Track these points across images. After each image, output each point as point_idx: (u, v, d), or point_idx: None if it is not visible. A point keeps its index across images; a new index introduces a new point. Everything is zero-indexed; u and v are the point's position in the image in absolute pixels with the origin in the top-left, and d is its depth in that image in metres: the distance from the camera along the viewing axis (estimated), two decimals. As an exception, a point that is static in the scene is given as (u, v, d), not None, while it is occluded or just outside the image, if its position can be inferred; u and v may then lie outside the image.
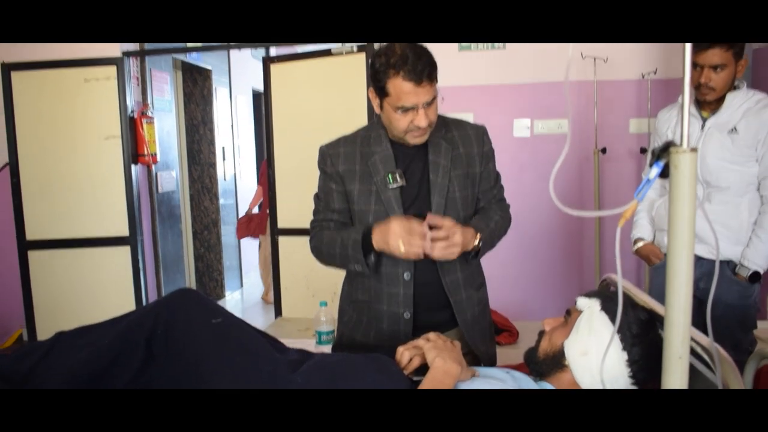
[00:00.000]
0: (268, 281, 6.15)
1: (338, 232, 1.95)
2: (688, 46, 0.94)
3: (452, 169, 1.95)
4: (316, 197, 2.08)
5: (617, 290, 1.14)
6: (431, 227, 1.77)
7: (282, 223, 4.43)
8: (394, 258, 1.86)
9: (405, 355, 1.68)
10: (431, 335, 1.67)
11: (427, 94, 1.80)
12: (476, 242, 1.89)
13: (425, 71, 1.77)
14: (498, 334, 2.97)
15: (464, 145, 1.99)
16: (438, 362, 1.53)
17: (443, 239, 1.76)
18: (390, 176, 1.91)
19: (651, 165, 0.93)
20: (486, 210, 2.05)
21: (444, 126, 2.00)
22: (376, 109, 1.91)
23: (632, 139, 4.03)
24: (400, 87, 1.77)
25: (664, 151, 0.92)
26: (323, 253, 2.00)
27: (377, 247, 1.83)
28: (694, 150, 0.89)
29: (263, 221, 5.99)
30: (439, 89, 1.87)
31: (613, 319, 1.42)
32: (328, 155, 2.00)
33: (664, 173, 0.93)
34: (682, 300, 0.92)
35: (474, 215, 2.03)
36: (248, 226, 6.08)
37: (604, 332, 1.42)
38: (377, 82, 1.83)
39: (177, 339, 1.65)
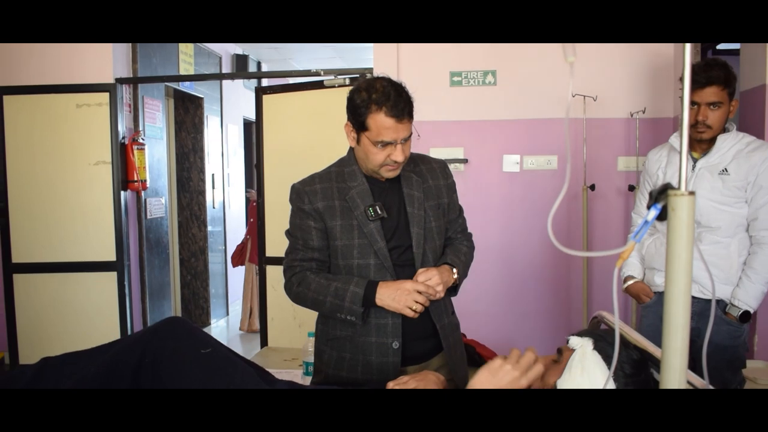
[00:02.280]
0: (245, 309, 6.15)
1: (327, 279, 1.97)
2: (686, 91, 0.95)
3: (425, 201, 2.03)
4: (290, 235, 2.08)
5: (609, 329, 1.14)
6: None
7: (270, 251, 4.41)
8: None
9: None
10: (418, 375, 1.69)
11: (406, 131, 1.87)
12: (455, 277, 2.00)
13: (406, 108, 1.84)
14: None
15: (432, 178, 2.09)
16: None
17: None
18: (371, 209, 1.96)
19: (649, 207, 0.94)
20: (453, 242, 2.15)
21: (411, 161, 2.08)
22: (351, 143, 1.97)
23: (620, 177, 4.07)
24: (382, 122, 1.83)
25: (662, 193, 0.93)
26: (308, 299, 2.00)
27: (380, 304, 1.88)
28: (692, 193, 0.90)
29: (254, 248, 6.00)
30: (429, 123, 1.93)
31: (605, 358, 1.42)
32: (305, 192, 2.02)
33: (662, 215, 0.94)
34: (679, 342, 0.93)
35: (444, 245, 2.12)
36: (242, 254, 6.08)
37: (597, 372, 1.42)
38: (357, 117, 1.88)
39: (164, 370, 1.63)
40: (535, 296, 4.18)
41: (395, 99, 1.82)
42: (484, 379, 1.48)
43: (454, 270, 1.99)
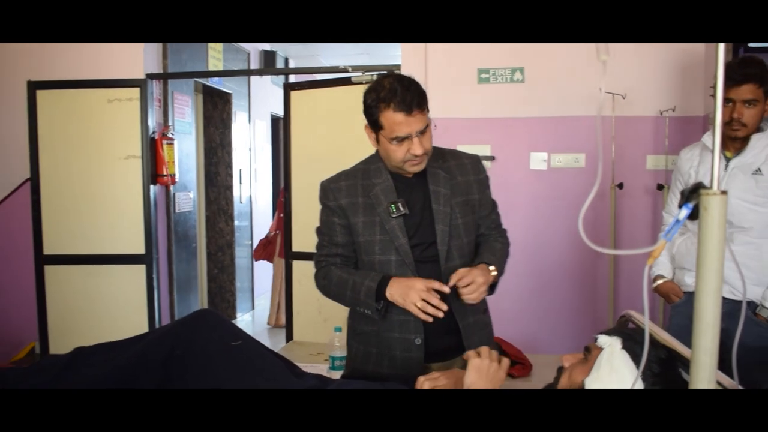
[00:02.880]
0: (274, 304, 6.18)
1: (349, 273, 2.01)
2: (720, 89, 0.95)
3: (452, 197, 2.01)
4: (319, 231, 2.13)
5: (637, 327, 1.14)
6: (455, 287, 1.87)
7: (296, 246, 4.44)
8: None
9: (425, 385, 1.69)
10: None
11: (419, 123, 1.86)
12: (493, 274, 1.96)
13: (414, 101, 1.84)
14: (511, 367, 2.95)
15: (461, 174, 2.07)
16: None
17: (469, 285, 1.85)
18: (393, 206, 1.97)
19: (680, 206, 0.94)
20: (487, 239, 2.13)
21: (440, 156, 2.07)
22: (373, 144, 2.00)
23: (649, 175, 4.03)
24: (393, 118, 1.84)
25: (694, 192, 0.93)
26: (331, 292, 2.06)
27: (391, 299, 1.89)
28: (724, 193, 0.90)
29: (280, 246, 6.03)
30: (457, 120, 1.92)
31: (634, 357, 1.42)
32: (330, 189, 2.06)
33: (693, 215, 0.94)
34: (709, 342, 0.92)
35: (475, 242, 2.11)
36: (266, 248, 6.12)
37: (626, 371, 1.42)
38: (370, 117, 1.91)
39: (194, 362, 1.66)
40: (561, 294, 4.16)
41: (402, 93, 1.82)
42: (477, 381, 1.60)
43: (491, 268, 1.96)
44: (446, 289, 1.85)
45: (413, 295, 1.83)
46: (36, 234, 4.45)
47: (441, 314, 1.84)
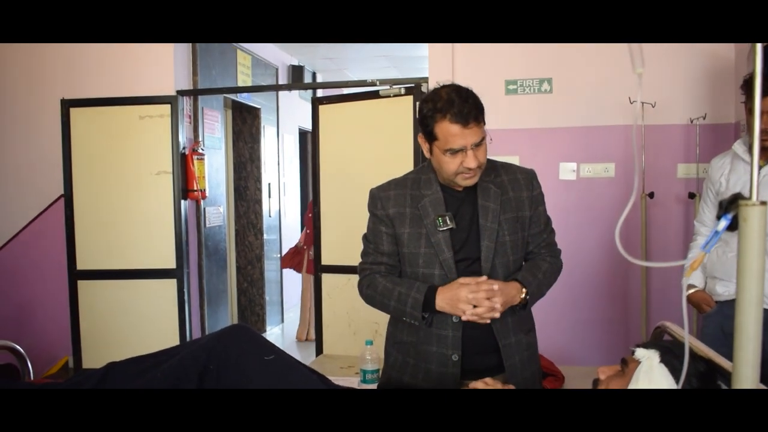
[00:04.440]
0: (304, 319, 6.19)
1: (394, 283, 1.98)
2: (758, 98, 0.94)
3: (502, 213, 1.97)
4: (365, 239, 2.11)
5: (674, 339, 1.12)
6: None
7: (326, 260, 4.46)
8: None
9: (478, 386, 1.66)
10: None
11: (475, 136, 1.83)
12: (522, 296, 1.92)
13: (471, 113, 1.80)
14: (543, 378, 2.92)
15: (513, 189, 2.02)
16: None
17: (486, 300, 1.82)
18: (440, 219, 1.94)
19: (718, 217, 0.93)
20: (535, 258, 2.08)
21: (493, 170, 2.03)
22: (426, 154, 1.96)
23: (680, 184, 3.99)
24: (448, 130, 1.81)
25: (732, 203, 0.92)
26: (376, 301, 2.04)
27: (439, 309, 1.87)
28: (764, 203, 0.89)
29: (308, 262, 6.06)
30: (486, 131, 1.89)
31: (673, 371, 1.39)
32: (379, 198, 2.03)
33: (732, 226, 0.93)
34: (751, 355, 0.91)
35: (523, 260, 2.06)
36: (293, 258, 6.14)
37: (665, 385, 1.40)
38: (425, 127, 1.88)
39: (229, 376, 1.67)
40: (592, 305, 4.12)
41: (459, 105, 1.79)
42: None
43: (524, 289, 1.93)
44: (483, 295, 1.82)
45: (462, 305, 1.82)
46: (69, 249, 4.52)
47: (497, 314, 1.82)
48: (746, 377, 0.93)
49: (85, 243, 4.52)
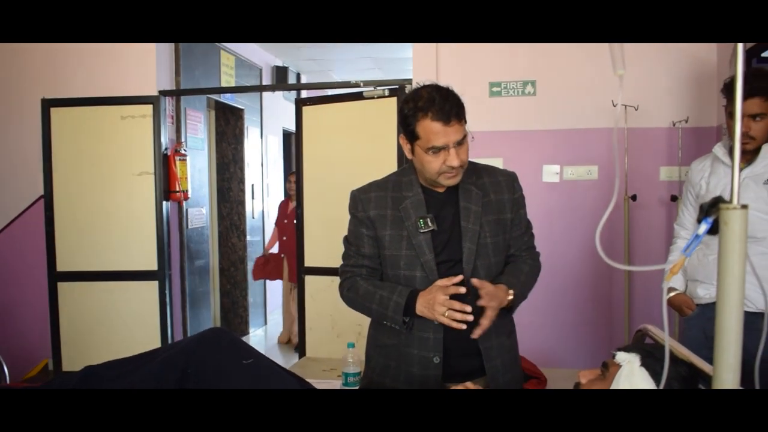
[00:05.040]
0: (286, 323, 6.17)
1: (375, 286, 1.97)
2: (739, 101, 0.93)
3: (483, 215, 1.96)
4: (346, 241, 2.10)
5: (655, 342, 1.12)
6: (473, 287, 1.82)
7: (309, 262, 4.44)
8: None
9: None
10: None
11: (457, 133, 1.82)
12: (510, 298, 1.92)
13: (453, 111, 1.80)
14: (526, 381, 2.92)
15: (495, 192, 2.02)
16: None
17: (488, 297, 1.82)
18: (421, 221, 1.93)
19: (699, 221, 0.92)
20: (516, 260, 2.08)
21: (475, 173, 2.02)
22: (408, 155, 1.95)
23: (663, 187, 4.01)
24: (430, 128, 1.81)
25: (713, 206, 0.91)
26: (357, 304, 2.03)
27: (419, 314, 1.86)
28: (744, 207, 0.88)
29: (279, 264, 6.01)
30: (469, 131, 1.88)
31: (653, 375, 1.39)
32: (359, 200, 2.02)
33: (713, 229, 0.92)
34: (732, 358, 0.91)
35: (504, 262, 2.05)
36: (264, 268, 6.09)
37: (645, 388, 1.40)
38: (407, 127, 1.87)
39: (208, 381, 1.65)
40: (575, 308, 4.13)
41: (440, 103, 1.79)
42: None
43: (510, 291, 1.92)
44: (462, 290, 1.80)
45: (438, 307, 1.80)
46: (49, 251, 4.47)
47: (470, 317, 1.79)
48: (726, 380, 0.92)
49: (66, 244, 4.47)
